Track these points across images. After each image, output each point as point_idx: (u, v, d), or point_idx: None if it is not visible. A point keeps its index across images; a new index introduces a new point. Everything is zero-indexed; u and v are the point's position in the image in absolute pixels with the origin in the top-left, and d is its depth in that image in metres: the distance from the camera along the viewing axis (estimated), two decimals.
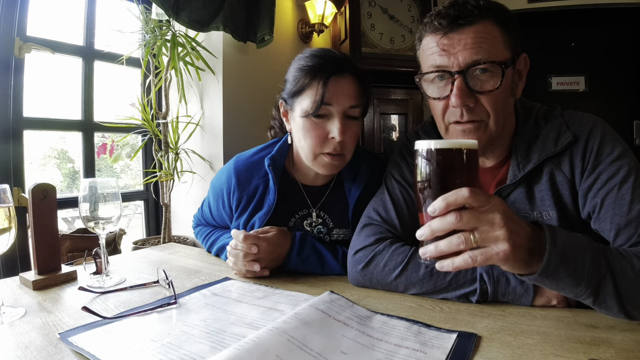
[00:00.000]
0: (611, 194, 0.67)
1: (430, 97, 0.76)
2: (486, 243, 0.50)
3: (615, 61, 2.91)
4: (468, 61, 0.68)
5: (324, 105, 0.84)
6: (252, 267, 0.83)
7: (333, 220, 0.99)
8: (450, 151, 0.52)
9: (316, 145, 0.87)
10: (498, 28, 0.70)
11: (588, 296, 0.56)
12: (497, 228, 0.50)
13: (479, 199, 0.50)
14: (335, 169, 0.92)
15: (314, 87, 0.85)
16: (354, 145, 0.91)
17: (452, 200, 0.49)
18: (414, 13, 2.76)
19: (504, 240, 0.50)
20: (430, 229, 0.51)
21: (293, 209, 0.99)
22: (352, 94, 0.86)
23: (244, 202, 0.99)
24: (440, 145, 0.52)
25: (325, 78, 0.84)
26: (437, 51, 0.71)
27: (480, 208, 0.50)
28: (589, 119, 0.74)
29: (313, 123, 0.87)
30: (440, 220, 0.50)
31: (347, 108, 0.86)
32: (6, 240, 0.68)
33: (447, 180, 0.52)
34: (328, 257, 0.88)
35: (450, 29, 0.69)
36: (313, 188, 1.01)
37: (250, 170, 0.99)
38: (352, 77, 0.87)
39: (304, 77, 0.87)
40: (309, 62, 0.88)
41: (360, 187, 0.96)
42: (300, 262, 0.88)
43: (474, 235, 0.50)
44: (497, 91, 0.69)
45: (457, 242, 0.50)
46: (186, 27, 1.77)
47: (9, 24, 1.48)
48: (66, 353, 0.54)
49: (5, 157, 1.49)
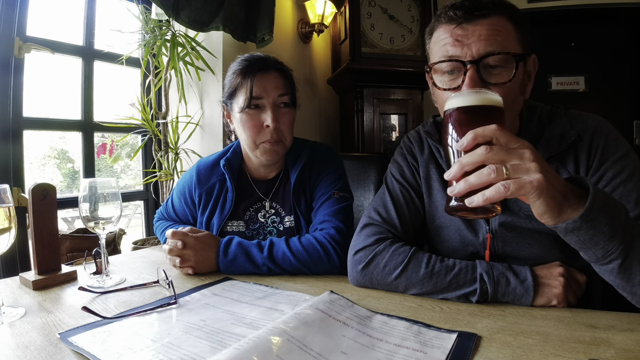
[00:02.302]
0: (616, 192, 0.68)
1: (440, 88, 0.74)
2: (518, 174, 0.49)
3: (615, 61, 2.91)
4: (482, 52, 0.67)
5: (255, 99, 0.98)
6: (175, 261, 0.89)
7: (284, 208, 1.08)
8: (479, 108, 0.54)
9: (255, 134, 1.00)
10: (511, 24, 0.70)
11: (618, 256, 0.55)
12: (528, 161, 0.50)
13: (506, 135, 0.50)
14: (276, 154, 1.02)
15: (244, 85, 0.99)
16: (290, 131, 1.03)
17: (480, 132, 0.50)
18: (414, 13, 2.75)
19: (536, 171, 0.49)
20: (460, 164, 0.51)
21: (248, 203, 1.08)
22: (278, 85, 1.00)
23: (204, 200, 1.09)
24: (470, 102, 0.54)
25: (253, 76, 0.98)
26: (451, 41, 0.70)
27: (510, 144, 0.50)
28: (593, 119, 0.75)
29: (249, 116, 0.99)
30: (470, 154, 0.50)
31: (276, 97, 1.00)
32: (6, 240, 0.68)
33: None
34: (254, 251, 0.89)
35: (465, 19, 0.69)
36: (265, 181, 1.10)
37: (209, 170, 1.11)
38: (276, 72, 1.01)
39: (236, 79, 1.01)
40: (239, 66, 1.02)
41: (299, 167, 1.05)
42: (229, 263, 0.89)
43: (505, 166, 0.49)
44: (509, 85, 0.68)
45: (487, 173, 0.49)
46: (186, 27, 1.77)
47: (9, 24, 1.48)
48: (66, 353, 0.54)
49: (5, 157, 1.49)
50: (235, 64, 1.05)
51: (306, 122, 2.75)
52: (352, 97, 2.69)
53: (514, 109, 0.73)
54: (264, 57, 1.03)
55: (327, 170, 1.06)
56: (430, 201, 0.87)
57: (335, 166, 1.07)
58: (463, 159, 0.51)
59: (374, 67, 2.61)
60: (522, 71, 0.72)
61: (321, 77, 3.01)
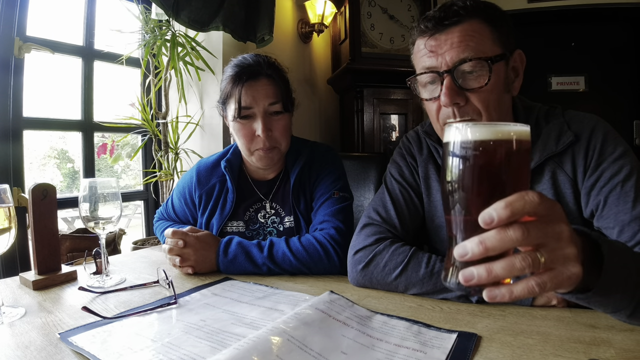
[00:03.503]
0: (614, 191, 0.68)
1: (424, 99, 0.76)
2: (555, 263, 0.39)
3: (615, 61, 2.91)
4: (455, 59, 0.68)
5: (244, 109, 0.96)
6: (174, 260, 0.89)
7: (284, 209, 1.07)
8: (497, 143, 0.39)
9: (248, 143, 0.99)
10: (486, 25, 0.70)
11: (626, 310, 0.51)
12: (566, 244, 0.40)
13: (546, 205, 0.38)
14: (271, 161, 1.02)
15: (234, 94, 0.97)
16: (286, 137, 1.01)
17: (519, 207, 0.37)
18: (413, 13, 2.75)
19: (575, 261, 0.40)
20: (484, 247, 0.37)
21: (248, 204, 1.08)
22: (268, 93, 0.97)
23: (204, 200, 1.09)
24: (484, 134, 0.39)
25: (241, 85, 0.96)
26: (426, 53, 0.72)
27: (546, 217, 0.39)
28: (590, 119, 0.74)
29: (241, 125, 0.98)
30: (500, 235, 0.37)
31: (267, 106, 0.97)
32: (6, 240, 0.68)
33: (492, 179, 0.39)
34: (254, 251, 0.89)
35: (436, 30, 0.70)
36: (265, 182, 1.10)
37: (209, 171, 1.11)
38: (266, 79, 0.98)
39: (227, 85, 0.99)
40: (230, 72, 1.00)
41: (299, 168, 1.05)
42: (229, 263, 0.89)
43: (540, 254, 0.38)
44: (487, 88, 0.69)
45: (520, 266, 0.37)
46: (186, 27, 1.77)
47: (9, 24, 1.48)
48: (66, 353, 0.54)
49: (5, 157, 1.49)
50: (228, 68, 1.03)
51: (306, 122, 2.75)
52: (352, 97, 2.69)
53: (501, 109, 0.73)
54: (254, 62, 1.00)
55: (326, 170, 1.06)
56: (430, 201, 0.87)
57: (335, 166, 1.07)
58: (489, 239, 0.37)
59: (374, 67, 2.61)
60: (504, 70, 0.72)
61: (321, 77, 3.01)
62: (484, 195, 0.39)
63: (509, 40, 0.72)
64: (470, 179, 0.40)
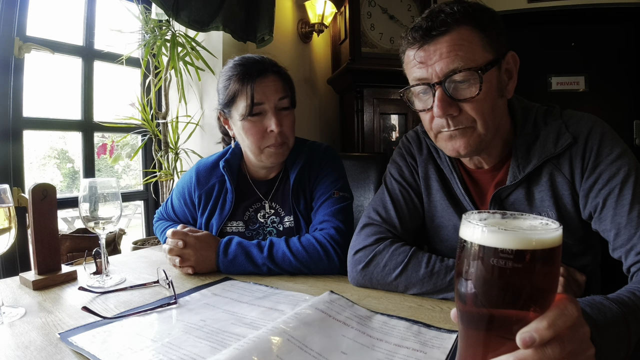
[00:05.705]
0: (612, 193, 0.67)
1: (417, 110, 0.76)
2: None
3: (615, 61, 2.91)
4: (445, 71, 0.68)
5: (256, 105, 0.96)
6: (175, 260, 0.89)
7: (284, 209, 1.08)
8: (523, 254, 0.35)
9: (259, 140, 0.98)
10: (475, 32, 0.68)
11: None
12: (587, 346, 0.41)
13: (580, 312, 0.39)
14: (282, 157, 1.03)
15: (244, 92, 0.97)
16: (293, 132, 1.03)
17: (561, 326, 0.36)
18: (413, 13, 2.75)
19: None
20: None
21: (247, 204, 1.08)
22: (278, 88, 0.99)
23: (204, 201, 1.09)
24: (507, 243, 0.35)
25: (252, 82, 0.96)
26: (416, 64, 0.71)
27: (578, 325, 0.39)
28: (588, 119, 0.74)
29: (251, 123, 0.98)
30: (539, 355, 0.36)
31: (277, 101, 0.98)
32: (6, 240, 0.68)
33: (521, 293, 0.37)
34: (254, 251, 0.89)
35: (424, 41, 0.69)
36: (265, 182, 1.10)
37: (208, 171, 1.11)
38: (274, 75, 0.99)
39: (234, 85, 0.98)
40: (234, 72, 0.99)
41: (298, 167, 1.05)
42: (229, 263, 0.89)
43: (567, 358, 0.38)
44: (480, 97, 0.68)
45: None
46: (186, 27, 1.77)
47: (9, 24, 1.48)
48: (66, 353, 0.54)
49: (5, 157, 1.49)
50: (229, 69, 1.01)
51: (306, 122, 2.75)
52: (352, 97, 2.69)
53: (494, 114, 0.72)
54: (260, 60, 1.01)
55: (326, 170, 1.06)
56: (429, 201, 0.87)
57: (334, 166, 1.07)
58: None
59: (374, 67, 2.61)
60: (496, 75, 0.71)
61: (321, 77, 3.01)
62: (518, 310, 0.37)
63: (500, 43, 0.71)
64: (503, 291, 0.36)
